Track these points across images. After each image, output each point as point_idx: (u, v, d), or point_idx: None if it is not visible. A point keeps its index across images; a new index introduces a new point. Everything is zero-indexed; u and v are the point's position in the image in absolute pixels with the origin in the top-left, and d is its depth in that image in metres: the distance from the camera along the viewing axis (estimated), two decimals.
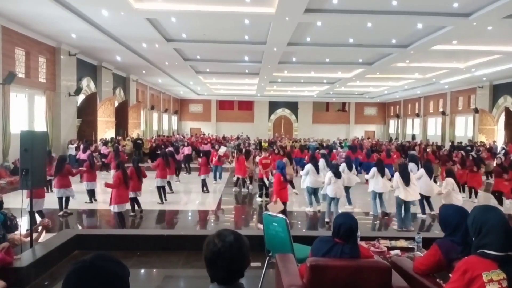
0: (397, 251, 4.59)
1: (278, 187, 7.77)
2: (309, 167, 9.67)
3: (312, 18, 12.03)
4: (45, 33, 14.56)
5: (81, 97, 18.50)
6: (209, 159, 12.84)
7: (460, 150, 15.60)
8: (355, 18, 11.87)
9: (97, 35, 13.99)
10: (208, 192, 12.00)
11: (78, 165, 13.92)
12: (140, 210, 9.11)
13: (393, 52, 16.65)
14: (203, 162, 12.39)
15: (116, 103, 21.91)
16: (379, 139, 34.32)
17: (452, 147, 20.18)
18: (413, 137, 32.32)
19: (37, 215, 7.27)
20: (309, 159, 10.47)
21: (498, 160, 11.23)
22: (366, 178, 10.34)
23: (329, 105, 40.44)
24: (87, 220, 9.23)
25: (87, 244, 5.96)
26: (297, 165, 15.77)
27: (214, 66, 21.29)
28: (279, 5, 10.61)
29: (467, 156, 12.73)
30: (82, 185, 10.55)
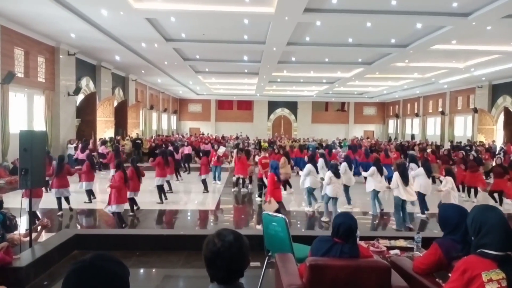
0: (397, 251, 4.60)
1: (272, 186, 7.79)
2: (310, 168, 9.69)
3: (312, 18, 12.03)
4: (44, 32, 14.54)
5: (80, 97, 18.46)
6: (209, 159, 12.84)
7: (460, 150, 15.58)
8: (355, 18, 11.88)
9: (96, 35, 13.97)
10: (208, 192, 12.00)
11: (77, 165, 13.91)
12: (137, 208, 9.10)
13: (392, 52, 16.66)
14: (204, 162, 12.39)
15: (115, 103, 21.87)
16: (378, 139, 34.32)
17: (451, 147, 20.21)
18: (412, 137, 32.34)
19: (28, 216, 7.10)
20: (308, 159, 10.48)
21: (498, 160, 11.22)
22: (364, 176, 10.35)
23: (328, 105, 40.44)
24: (86, 220, 9.22)
25: (86, 244, 5.96)
26: (296, 165, 15.77)
27: (213, 65, 21.28)
28: (278, 4, 10.61)
29: (467, 156, 12.74)
30: (79, 185, 10.51)
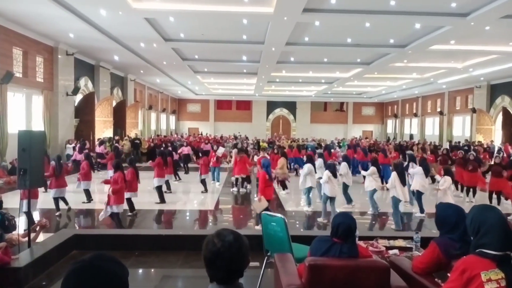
0: (396, 251, 4.60)
1: (263, 185, 7.77)
2: (310, 167, 9.73)
3: (310, 18, 12.03)
4: (43, 32, 14.51)
5: (78, 97, 18.43)
6: (209, 159, 12.85)
7: (459, 150, 15.59)
8: (353, 18, 11.89)
9: (95, 34, 13.95)
10: (207, 192, 11.99)
11: (75, 165, 13.89)
12: (134, 212, 9.03)
13: (391, 52, 16.67)
14: (204, 162, 12.37)
15: (114, 103, 21.83)
16: (377, 139, 34.36)
17: (450, 147, 20.24)
18: (411, 136, 32.37)
19: (25, 216, 6.82)
20: (307, 159, 10.50)
21: (497, 160, 11.21)
22: (363, 175, 10.37)
23: (327, 105, 40.46)
24: (85, 220, 9.20)
25: (85, 244, 5.95)
26: (296, 164, 15.79)
27: (212, 65, 21.28)
28: (277, 4, 10.61)
29: (467, 155, 12.75)
30: (77, 184, 10.50)
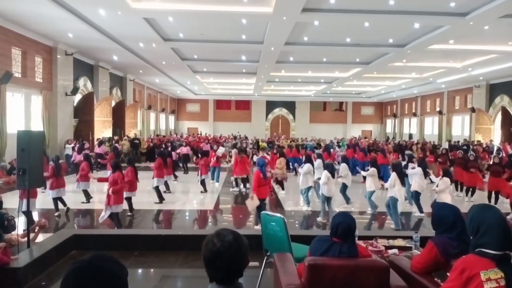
0: (395, 250, 4.60)
1: (257, 184, 7.77)
2: (310, 167, 9.74)
3: (310, 18, 12.03)
4: (42, 32, 14.49)
5: (78, 97, 18.41)
6: (209, 160, 12.85)
7: (458, 150, 15.60)
8: (353, 17, 11.88)
9: (94, 34, 13.93)
10: (206, 192, 11.98)
11: (74, 166, 13.88)
12: (132, 213, 9.06)
13: (390, 52, 16.68)
14: (204, 162, 12.37)
15: (113, 103, 21.82)
16: (376, 138, 34.37)
17: (449, 147, 20.25)
18: (410, 136, 32.39)
19: (23, 215, 6.89)
20: (306, 159, 10.51)
21: (495, 159, 11.21)
22: (363, 175, 10.39)
23: (326, 104, 40.46)
24: (84, 220, 9.19)
25: (84, 244, 5.94)
26: (295, 163, 15.81)
27: (211, 65, 21.26)
28: (276, 4, 10.61)
29: (467, 155, 12.77)
30: (76, 185, 10.49)
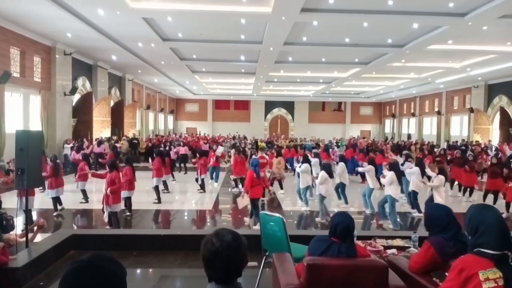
0: (394, 250, 4.61)
1: (249, 184, 7.71)
2: (308, 166, 9.74)
3: (309, 18, 12.03)
4: (40, 32, 14.46)
5: (76, 97, 18.39)
6: (208, 160, 12.86)
7: (457, 149, 15.62)
8: (351, 17, 11.88)
9: (93, 34, 13.91)
10: (205, 192, 11.97)
11: (73, 166, 13.87)
12: (130, 214, 9.03)
13: (389, 52, 16.69)
14: (204, 162, 12.37)
15: (112, 103, 21.80)
16: (375, 138, 34.40)
17: (447, 147, 20.28)
18: (409, 136, 32.41)
19: (23, 216, 6.77)
20: (303, 159, 10.52)
21: (493, 160, 11.22)
22: (360, 171, 10.43)
23: (325, 104, 40.46)
24: (83, 220, 9.18)
25: (83, 244, 5.94)
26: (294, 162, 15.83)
27: (210, 65, 21.25)
28: (275, 4, 10.61)
29: (465, 155, 12.79)
30: (75, 184, 10.48)
